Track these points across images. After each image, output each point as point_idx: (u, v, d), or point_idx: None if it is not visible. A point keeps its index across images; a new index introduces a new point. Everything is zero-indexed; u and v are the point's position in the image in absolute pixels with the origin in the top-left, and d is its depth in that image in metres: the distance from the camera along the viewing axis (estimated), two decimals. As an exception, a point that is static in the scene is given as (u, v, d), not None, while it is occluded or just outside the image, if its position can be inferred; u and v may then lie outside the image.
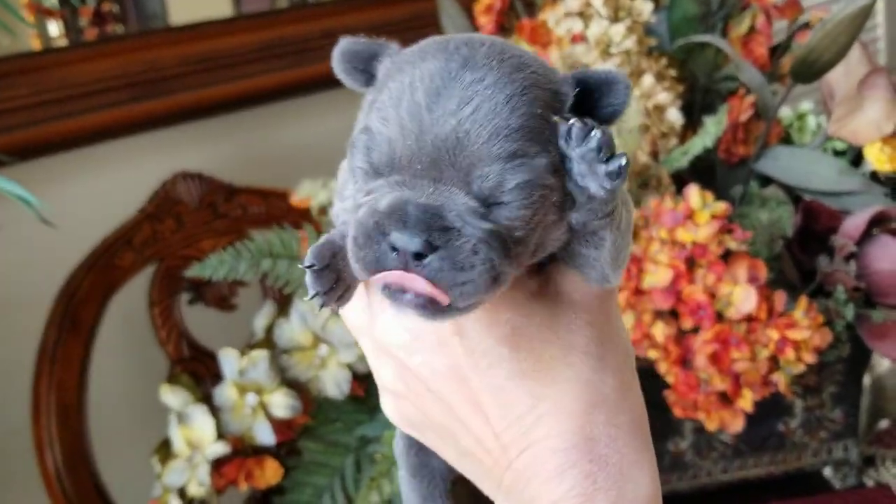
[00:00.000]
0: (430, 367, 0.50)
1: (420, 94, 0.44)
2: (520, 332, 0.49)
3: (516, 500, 0.50)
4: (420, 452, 0.62)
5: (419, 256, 0.42)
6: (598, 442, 0.48)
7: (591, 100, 0.46)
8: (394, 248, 0.42)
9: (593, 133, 0.42)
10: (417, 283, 0.42)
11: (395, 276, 0.43)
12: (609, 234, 0.47)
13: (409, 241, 0.41)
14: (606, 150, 0.42)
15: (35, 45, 1.33)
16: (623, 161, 0.42)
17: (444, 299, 0.43)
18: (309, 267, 0.47)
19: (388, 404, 0.56)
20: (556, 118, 0.44)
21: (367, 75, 0.49)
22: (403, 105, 0.44)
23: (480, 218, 0.42)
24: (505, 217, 0.43)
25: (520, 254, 0.45)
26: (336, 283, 0.47)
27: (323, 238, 0.49)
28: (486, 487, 0.53)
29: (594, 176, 0.43)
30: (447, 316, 0.44)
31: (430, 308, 0.43)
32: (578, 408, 0.48)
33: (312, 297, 0.47)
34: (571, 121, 0.43)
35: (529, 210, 0.43)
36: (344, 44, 0.50)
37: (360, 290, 0.51)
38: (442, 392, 0.51)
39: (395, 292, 0.43)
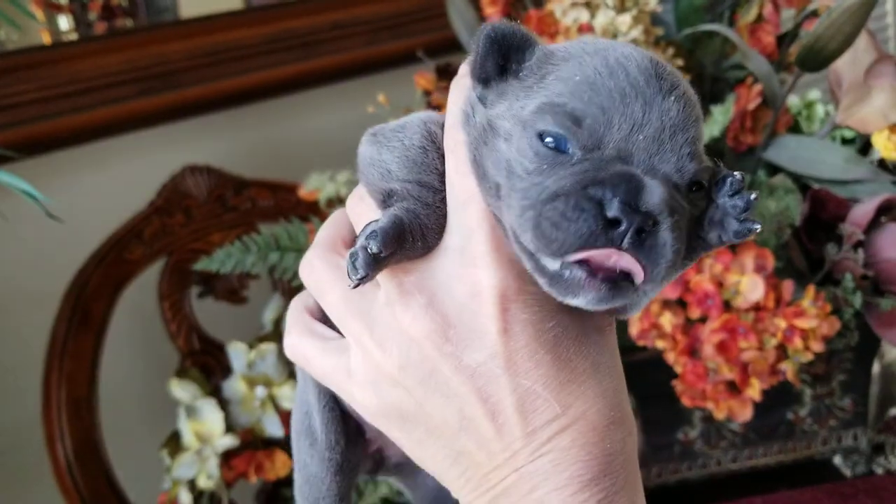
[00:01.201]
0: (459, 360, 0.49)
1: (634, 70, 0.45)
2: (561, 341, 0.49)
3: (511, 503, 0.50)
4: (348, 451, 0.62)
5: (640, 232, 0.42)
6: (615, 457, 0.49)
7: None
8: (614, 222, 0.42)
9: (746, 193, 0.44)
10: (627, 261, 0.43)
11: (605, 254, 0.43)
12: (673, 277, 0.48)
13: (635, 216, 0.42)
14: (749, 213, 0.44)
15: (45, 39, 1.33)
16: (757, 227, 0.44)
17: (642, 276, 0.43)
18: (376, 255, 0.46)
19: (371, 393, 0.53)
20: (712, 160, 0.46)
21: (501, 65, 0.49)
22: (619, 76, 0.44)
23: (684, 199, 0.44)
24: (693, 200, 0.45)
25: None
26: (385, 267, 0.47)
27: (389, 218, 0.47)
28: (467, 489, 0.52)
29: (719, 226, 0.45)
30: (627, 295, 0.44)
31: (621, 286, 0.44)
32: (602, 423, 0.49)
33: (362, 279, 0.46)
34: (735, 173, 0.45)
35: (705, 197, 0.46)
36: (503, 24, 0.49)
37: None
38: (460, 388, 0.49)
39: (586, 272, 0.43)
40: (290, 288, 1.19)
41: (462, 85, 0.53)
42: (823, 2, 1.05)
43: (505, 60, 0.49)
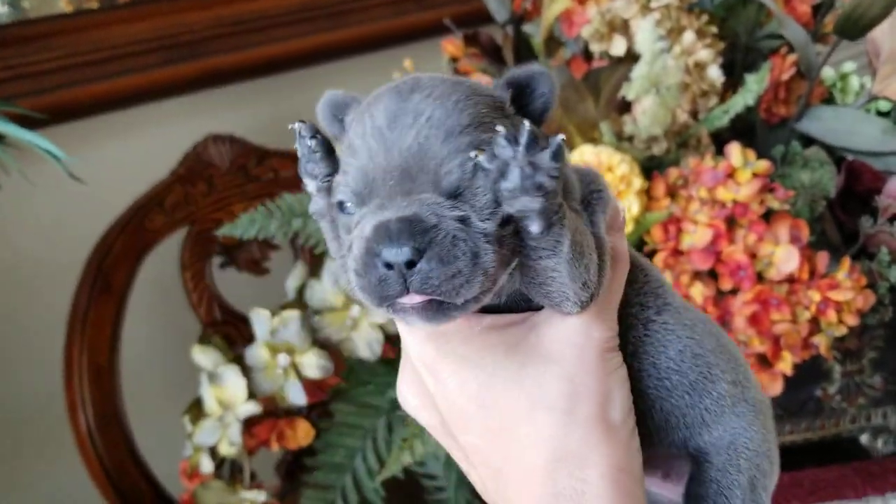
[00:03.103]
0: (430, 424, 0.55)
1: (380, 119, 0.47)
2: (486, 388, 0.50)
3: None
4: None
5: (411, 264, 0.44)
6: (562, 497, 0.49)
7: (525, 96, 0.50)
8: (388, 266, 0.44)
9: (525, 126, 0.44)
10: (417, 299, 0.45)
11: (403, 300, 0.45)
12: (566, 236, 0.46)
13: (398, 254, 0.44)
14: (543, 142, 0.44)
15: (66, 7, 1.32)
16: (559, 139, 0.44)
17: (434, 301, 0.45)
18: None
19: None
20: (498, 127, 0.45)
21: (341, 124, 0.53)
22: (367, 133, 0.47)
23: (452, 209, 0.45)
24: (474, 204, 0.45)
25: (497, 239, 0.46)
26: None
27: None
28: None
29: (538, 170, 0.44)
30: (450, 314, 0.46)
31: (432, 312, 0.45)
32: (541, 464, 0.49)
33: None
34: (499, 128, 0.45)
35: (492, 192, 0.45)
36: (327, 95, 0.54)
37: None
38: (444, 444, 0.56)
39: (400, 311, 0.46)
40: (313, 256, 1.18)
41: None
42: (861, -30, 1.02)
43: (341, 122, 0.53)
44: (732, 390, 0.58)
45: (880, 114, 1.09)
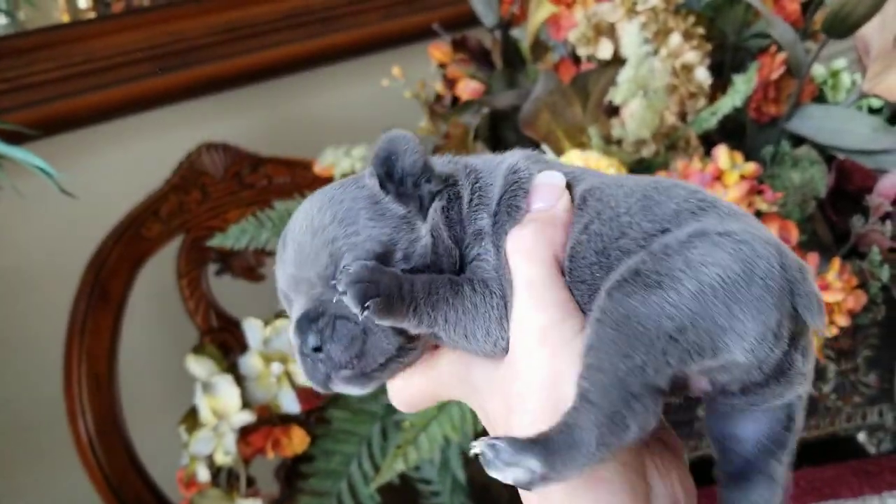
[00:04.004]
0: None
1: (279, 248, 0.56)
2: (485, 408, 0.55)
3: None
4: None
5: (319, 349, 0.51)
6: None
7: (396, 163, 0.54)
8: (306, 355, 0.52)
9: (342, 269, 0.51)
10: (334, 375, 0.52)
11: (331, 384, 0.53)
12: (412, 320, 0.51)
13: (306, 345, 0.51)
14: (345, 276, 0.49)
15: (64, 18, 1.33)
16: (352, 268, 0.50)
17: (354, 369, 0.52)
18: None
19: None
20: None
21: None
22: (277, 261, 0.56)
23: (335, 292, 0.51)
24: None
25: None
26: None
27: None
28: None
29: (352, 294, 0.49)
30: (374, 378, 0.53)
31: (356, 380, 0.52)
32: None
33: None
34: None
35: (359, 278, 0.50)
36: None
37: None
38: None
39: (334, 387, 0.53)
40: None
41: None
42: (850, -33, 1.01)
43: None
44: (650, 227, 0.51)
45: (872, 110, 1.08)
